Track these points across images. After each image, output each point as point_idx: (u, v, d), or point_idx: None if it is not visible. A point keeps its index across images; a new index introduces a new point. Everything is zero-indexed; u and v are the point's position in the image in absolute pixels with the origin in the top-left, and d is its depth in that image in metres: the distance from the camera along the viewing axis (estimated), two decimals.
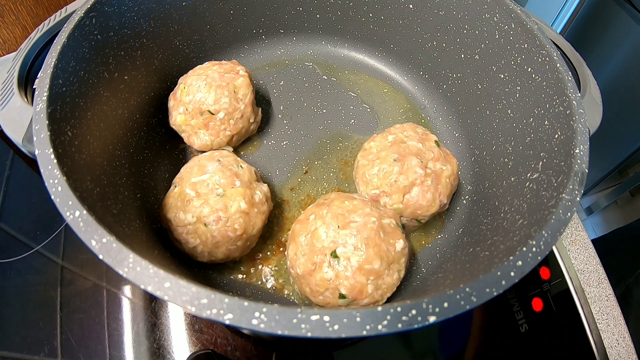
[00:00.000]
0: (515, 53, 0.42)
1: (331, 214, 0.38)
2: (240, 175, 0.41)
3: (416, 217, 0.43)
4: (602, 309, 0.50)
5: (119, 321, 0.46)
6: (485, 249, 0.35)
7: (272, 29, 0.58)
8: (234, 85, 0.47)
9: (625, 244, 0.79)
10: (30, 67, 0.44)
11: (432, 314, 0.22)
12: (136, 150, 0.46)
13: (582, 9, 1.07)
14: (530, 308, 0.50)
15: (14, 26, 0.59)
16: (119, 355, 0.44)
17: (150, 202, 0.45)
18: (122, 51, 0.43)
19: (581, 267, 0.53)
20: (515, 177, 0.39)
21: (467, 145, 0.51)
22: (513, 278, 0.25)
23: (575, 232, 0.55)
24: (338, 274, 0.35)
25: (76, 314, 0.46)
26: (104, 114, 0.39)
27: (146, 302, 0.47)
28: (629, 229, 0.84)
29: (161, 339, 0.45)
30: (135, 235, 0.36)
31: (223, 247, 0.39)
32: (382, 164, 0.43)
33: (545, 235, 0.27)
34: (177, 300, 0.22)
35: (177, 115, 0.47)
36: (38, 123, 0.29)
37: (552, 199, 0.31)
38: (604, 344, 0.48)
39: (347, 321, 0.21)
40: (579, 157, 0.31)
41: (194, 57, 0.54)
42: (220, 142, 0.48)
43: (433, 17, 0.50)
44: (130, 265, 0.23)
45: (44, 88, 0.31)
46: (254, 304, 0.21)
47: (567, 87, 0.36)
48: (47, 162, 0.28)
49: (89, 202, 0.28)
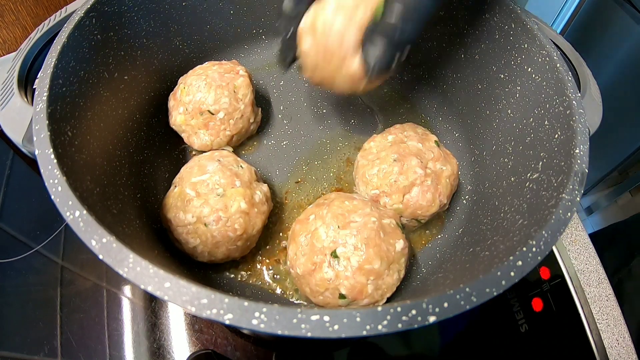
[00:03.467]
0: (515, 53, 0.42)
1: (331, 214, 0.38)
2: (240, 175, 0.41)
3: (416, 217, 0.43)
4: (602, 309, 0.50)
5: (119, 321, 0.46)
6: (485, 249, 0.35)
7: (272, 29, 0.58)
8: (234, 85, 0.47)
9: (619, 238, 0.80)
10: (30, 67, 0.44)
11: (432, 314, 0.22)
12: (136, 150, 0.46)
13: (582, 9, 1.07)
14: (530, 308, 0.50)
15: (14, 26, 0.59)
16: (119, 355, 0.44)
17: (150, 202, 0.45)
18: (122, 51, 0.43)
19: (581, 267, 0.53)
20: (515, 177, 0.39)
21: (467, 145, 0.51)
22: (513, 278, 0.25)
23: (575, 232, 0.55)
24: (338, 274, 0.35)
25: (76, 314, 0.46)
26: (104, 114, 0.39)
27: (146, 302, 0.47)
28: (624, 224, 0.85)
29: (161, 339, 0.45)
30: (135, 235, 0.36)
31: (223, 247, 0.39)
32: (382, 164, 0.43)
33: (545, 235, 0.27)
34: (177, 300, 0.22)
35: (177, 115, 0.47)
36: (38, 123, 0.29)
37: (552, 199, 0.31)
38: (604, 344, 0.48)
39: (347, 321, 0.21)
40: (579, 157, 0.31)
41: (194, 57, 0.54)
42: (220, 142, 0.48)
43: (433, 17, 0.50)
44: (130, 265, 0.23)
45: (44, 88, 0.31)
46: (254, 304, 0.21)
47: (567, 87, 0.36)
48: (47, 162, 0.28)
49: (89, 202, 0.28)
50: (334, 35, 0.34)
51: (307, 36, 0.36)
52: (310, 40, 0.36)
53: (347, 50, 0.34)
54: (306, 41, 0.36)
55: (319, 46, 0.35)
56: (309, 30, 0.36)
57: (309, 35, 0.36)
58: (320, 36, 0.35)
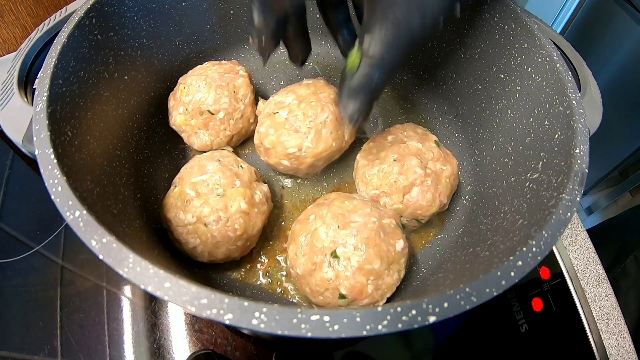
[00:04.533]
0: (515, 53, 0.42)
1: (331, 214, 0.38)
2: (240, 175, 0.41)
3: (416, 217, 0.43)
4: (602, 309, 0.50)
5: (119, 321, 0.46)
6: (485, 249, 0.35)
7: None
8: (233, 85, 0.47)
9: (613, 235, 0.80)
10: (30, 67, 0.44)
11: (432, 314, 0.22)
12: (136, 150, 0.46)
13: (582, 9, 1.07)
14: (530, 308, 0.50)
15: (14, 26, 0.59)
16: (119, 355, 0.44)
17: (150, 202, 0.45)
18: (122, 51, 0.43)
19: (581, 267, 0.53)
20: (515, 177, 0.39)
21: (467, 145, 0.51)
22: (513, 278, 0.25)
23: (575, 232, 0.55)
24: (338, 274, 0.35)
25: (76, 314, 0.46)
26: (104, 114, 0.39)
27: (146, 302, 0.47)
28: (619, 219, 0.85)
29: (161, 339, 0.45)
30: (135, 235, 0.36)
31: (223, 247, 0.39)
32: (382, 164, 0.43)
33: (545, 235, 0.27)
34: (177, 300, 0.22)
35: (177, 115, 0.47)
36: (38, 123, 0.29)
37: (552, 199, 0.31)
38: (604, 344, 0.48)
39: (347, 321, 0.21)
40: (579, 157, 0.31)
41: (194, 57, 0.54)
42: (220, 142, 0.48)
43: None
44: (130, 265, 0.23)
45: (44, 88, 0.31)
46: (254, 304, 0.21)
47: (567, 87, 0.36)
48: (47, 162, 0.28)
49: (89, 202, 0.28)
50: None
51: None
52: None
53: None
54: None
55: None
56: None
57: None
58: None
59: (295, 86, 0.47)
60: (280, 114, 0.44)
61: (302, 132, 0.43)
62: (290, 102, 0.44)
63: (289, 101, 0.44)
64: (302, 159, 0.43)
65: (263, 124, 0.45)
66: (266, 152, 0.45)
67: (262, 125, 0.45)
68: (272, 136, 0.43)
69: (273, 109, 0.45)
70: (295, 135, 0.42)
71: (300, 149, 0.43)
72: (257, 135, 0.45)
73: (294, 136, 0.42)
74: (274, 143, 0.43)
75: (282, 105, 0.44)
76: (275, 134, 0.43)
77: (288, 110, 0.43)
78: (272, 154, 0.44)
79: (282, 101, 0.45)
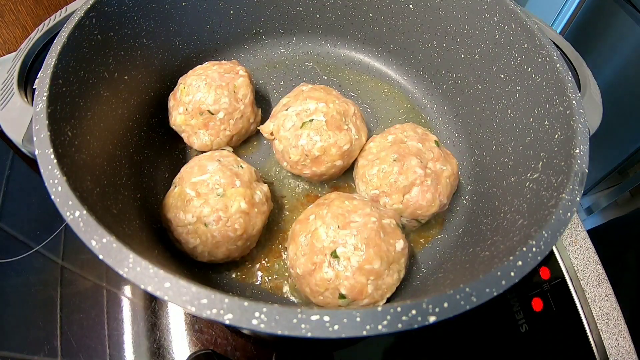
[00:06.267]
0: (515, 53, 0.42)
1: (331, 214, 0.38)
2: (240, 175, 0.41)
3: (416, 217, 0.43)
4: (602, 309, 0.50)
5: (119, 321, 0.46)
6: (485, 249, 0.35)
7: (272, 29, 0.58)
8: (233, 85, 0.47)
9: (613, 232, 0.80)
10: (30, 67, 0.44)
11: (432, 314, 0.22)
12: (136, 150, 0.46)
13: (582, 9, 1.07)
14: (530, 308, 0.50)
15: (14, 26, 0.59)
16: (119, 355, 0.44)
17: (150, 202, 0.45)
18: (122, 51, 0.43)
19: (581, 267, 0.53)
20: (515, 177, 0.39)
21: (467, 145, 0.51)
22: (513, 278, 0.25)
23: (575, 232, 0.55)
24: (338, 274, 0.35)
25: (76, 314, 0.46)
26: (104, 114, 0.39)
27: (146, 302, 0.47)
28: (623, 219, 0.85)
29: (161, 339, 0.45)
30: (135, 235, 0.36)
31: (223, 247, 0.39)
32: (382, 164, 0.43)
33: (545, 235, 0.27)
34: (177, 300, 0.22)
35: (177, 115, 0.47)
36: (38, 123, 0.29)
37: (552, 199, 0.31)
38: (604, 344, 0.48)
39: (347, 321, 0.21)
40: (579, 157, 0.31)
41: (194, 57, 0.54)
42: (220, 142, 0.48)
43: (433, 17, 0.50)
44: (130, 265, 0.23)
45: (44, 88, 0.31)
46: (254, 304, 0.21)
47: (567, 87, 0.36)
48: (47, 162, 0.28)
49: (89, 202, 0.28)
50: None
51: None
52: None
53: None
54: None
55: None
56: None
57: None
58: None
59: (299, 93, 0.46)
60: (317, 119, 0.43)
61: (345, 128, 0.44)
62: (315, 106, 0.44)
63: (313, 106, 0.44)
64: (353, 154, 0.45)
65: (302, 137, 0.43)
66: (315, 161, 0.44)
67: (301, 138, 0.43)
68: (320, 142, 0.43)
69: (303, 118, 0.44)
70: (341, 133, 0.44)
71: (351, 144, 0.44)
72: (296, 150, 0.43)
73: (341, 134, 0.44)
74: (325, 148, 0.43)
75: (310, 112, 0.44)
76: (322, 138, 0.43)
77: (323, 113, 0.43)
78: (324, 160, 0.43)
79: (307, 108, 0.44)
